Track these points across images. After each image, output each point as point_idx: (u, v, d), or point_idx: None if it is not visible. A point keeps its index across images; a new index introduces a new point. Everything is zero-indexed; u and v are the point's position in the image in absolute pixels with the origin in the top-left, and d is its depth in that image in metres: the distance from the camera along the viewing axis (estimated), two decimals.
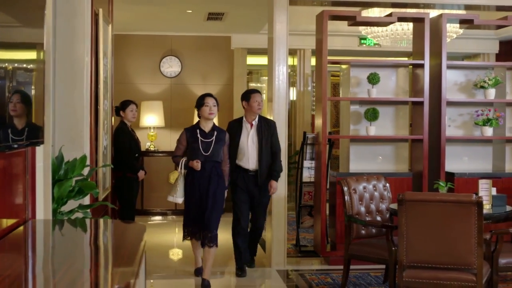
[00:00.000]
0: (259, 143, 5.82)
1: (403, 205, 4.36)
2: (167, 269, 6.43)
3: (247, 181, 5.87)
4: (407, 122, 6.74)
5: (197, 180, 5.45)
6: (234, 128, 5.92)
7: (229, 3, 7.38)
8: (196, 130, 5.52)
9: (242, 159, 5.86)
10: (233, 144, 5.82)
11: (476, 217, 4.23)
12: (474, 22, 6.52)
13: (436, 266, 4.35)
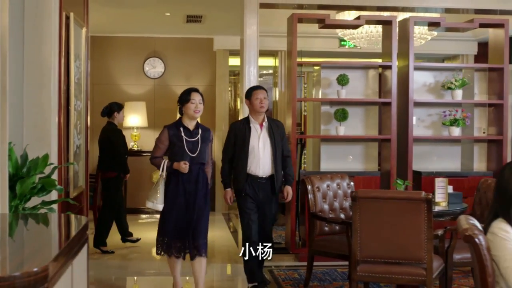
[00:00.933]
0: (272, 146, 5.23)
1: (356, 202, 4.52)
2: (150, 267, 6.58)
3: (257, 189, 5.22)
4: (377, 122, 6.91)
5: (182, 185, 4.84)
6: (240, 130, 5.27)
7: (206, 6, 7.55)
8: (180, 128, 4.90)
9: (251, 165, 5.22)
10: (243, 149, 5.21)
11: (425, 213, 4.39)
12: (441, 25, 6.70)
13: (388, 260, 4.51)
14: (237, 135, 5.26)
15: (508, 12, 7.10)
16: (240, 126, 5.29)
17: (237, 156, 5.23)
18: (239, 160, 5.22)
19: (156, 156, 5.00)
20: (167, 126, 5.00)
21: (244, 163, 5.19)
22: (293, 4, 6.47)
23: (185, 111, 4.95)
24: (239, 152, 5.22)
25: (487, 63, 7.04)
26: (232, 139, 5.29)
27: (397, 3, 6.66)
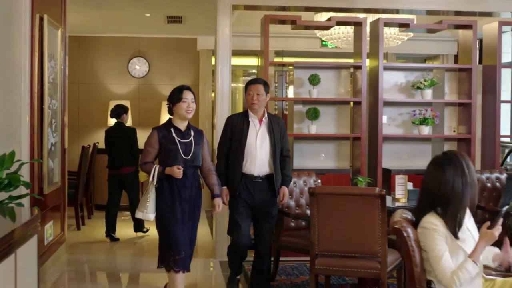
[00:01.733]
0: (271, 144, 4.92)
1: (314, 197, 4.69)
2: (136, 263, 6.76)
3: (252, 190, 4.91)
4: (349, 121, 7.06)
5: (177, 191, 4.52)
6: (237, 124, 4.95)
7: (185, 7, 7.71)
8: (170, 130, 4.55)
9: (247, 163, 4.91)
10: (239, 145, 4.89)
11: (379, 208, 4.56)
12: (410, 26, 6.86)
13: (345, 254, 4.68)
14: (234, 130, 4.92)
15: (486, 13, 7.29)
16: (238, 120, 4.96)
17: (233, 152, 4.92)
18: (234, 156, 4.91)
19: (147, 161, 4.56)
20: (156, 128, 4.61)
21: (240, 161, 4.87)
22: (265, 6, 6.62)
23: (176, 111, 4.57)
24: (235, 148, 4.90)
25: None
26: (229, 133, 4.97)
27: (367, 5, 6.81)
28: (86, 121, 10.05)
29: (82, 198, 8.36)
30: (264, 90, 5.00)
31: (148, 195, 4.50)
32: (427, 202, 3.15)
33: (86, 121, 10.05)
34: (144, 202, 4.51)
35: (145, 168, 4.56)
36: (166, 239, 4.54)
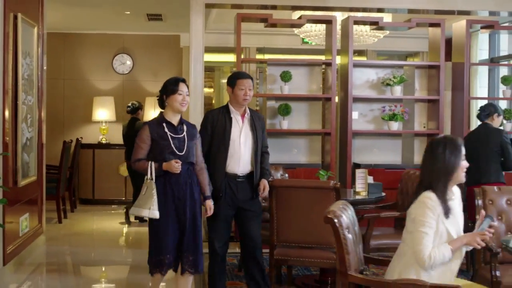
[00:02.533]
0: (254, 141, 4.67)
1: (273, 190, 4.87)
2: (116, 256, 6.93)
3: (235, 190, 4.64)
4: (320, 117, 7.23)
5: (171, 189, 4.23)
6: (218, 121, 4.63)
7: (163, 5, 7.88)
8: (163, 124, 4.25)
9: (230, 162, 4.62)
10: (222, 143, 4.60)
11: (334, 201, 4.70)
12: (379, 24, 7.02)
13: (302, 245, 4.86)
14: (215, 126, 4.61)
15: (466, 12, 7.47)
16: (219, 116, 4.64)
17: (214, 151, 4.60)
18: (216, 155, 4.60)
19: (139, 158, 4.24)
20: (148, 123, 4.31)
21: (223, 160, 4.58)
22: (237, 4, 6.79)
23: (170, 104, 4.26)
24: (217, 147, 4.60)
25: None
26: (209, 130, 4.63)
27: (336, 3, 6.97)
28: (71, 117, 10.24)
29: (64, 192, 8.53)
30: (253, 85, 4.78)
31: (152, 191, 4.14)
32: (425, 180, 3.30)
33: (71, 116, 10.24)
34: (148, 199, 4.14)
35: (138, 165, 4.23)
36: (158, 242, 4.25)
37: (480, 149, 5.84)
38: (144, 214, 4.18)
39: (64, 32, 10.06)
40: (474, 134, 6.09)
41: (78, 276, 6.20)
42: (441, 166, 3.27)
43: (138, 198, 4.21)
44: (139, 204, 4.19)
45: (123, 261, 6.79)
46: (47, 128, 9.56)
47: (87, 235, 7.83)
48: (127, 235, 7.96)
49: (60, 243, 7.37)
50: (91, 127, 10.13)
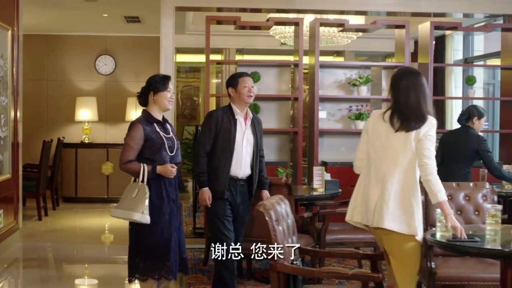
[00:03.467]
0: (255, 144, 4.65)
1: None
2: (97, 252, 7.12)
3: (235, 193, 4.60)
4: (289, 116, 7.44)
5: (165, 190, 4.08)
6: (224, 122, 4.55)
7: (139, 8, 8.09)
8: (153, 124, 4.07)
9: (232, 165, 4.57)
10: (228, 146, 4.52)
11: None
12: (345, 26, 7.22)
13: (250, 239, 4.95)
14: (220, 127, 4.53)
15: (441, 14, 7.69)
16: (223, 117, 4.56)
17: (219, 153, 4.54)
18: (221, 158, 4.53)
19: (130, 160, 4.00)
20: (140, 122, 4.06)
21: (229, 162, 4.52)
22: (207, 7, 7.00)
23: (158, 101, 4.08)
24: (222, 149, 4.53)
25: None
26: (213, 130, 4.55)
27: (304, 6, 7.18)
28: (55, 117, 10.47)
29: (45, 190, 8.74)
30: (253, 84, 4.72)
31: (146, 195, 3.91)
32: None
33: (55, 116, 10.47)
34: (140, 203, 3.91)
35: (129, 167, 3.99)
36: (157, 244, 4.03)
37: (456, 152, 5.74)
38: (135, 218, 3.92)
39: (47, 34, 10.30)
40: (453, 136, 5.92)
41: (55, 270, 6.45)
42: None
43: (127, 201, 3.95)
44: (129, 207, 3.92)
45: (102, 257, 6.98)
46: (30, 128, 9.87)
47: (67, 232, 8.05)
48: (108, 232, 8.18)
49: (38, 239, 7.58)
50: (74, 127, 10.35)
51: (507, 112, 7.51)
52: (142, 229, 4.00)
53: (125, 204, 3.95)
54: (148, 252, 4.03)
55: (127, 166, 4.00)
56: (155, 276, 4.04)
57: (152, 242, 4.03)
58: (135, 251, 4.08)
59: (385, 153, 3.65)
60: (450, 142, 5.82)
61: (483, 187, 4.64)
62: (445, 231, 3.57)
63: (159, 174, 4.01)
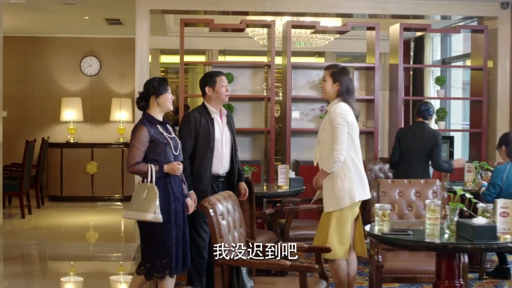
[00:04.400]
0: (232, 140, 4.78)
1: None
2: (85, 249, 7.34)
3: (217, 190, 4.62)
4: (263, 116, 7.62)
5: (171, 189, 4.19)
6: (202, 122, 4.63)
7: (119, 10, 8.28)
8: (157, 125, 4.20)
9: (214, 163, 4.67)
10: (208, 146, 4.62)
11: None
12: (316, 28, 7.40)
13: None
14: (199, 128, 4.61)
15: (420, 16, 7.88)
16: (201, 118, 4.64)
17: (200, 154, 4.63)
18: (203, 159, 4.62)
19: (138, 162, 4.11)
20: (144, 124, 4.16)
21: (209, 162, 4.62)
22: (181, 10, 7.20)
23: (160, 103, 4.20)
24: (204, 149, 4.62)
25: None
26: (193, 132, 4.63)
27: (277, 9, 7.36)
28: (41, 117, 10.67)
29: (28, 189, 8.92)
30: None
31: (156, 195, 4.04)
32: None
33: (41, 116, 10.67)
34: (152, 203, 4.03)
35: (137, 169, 4.11)
36: (169, 243, 4.15)
37: (415, 148, 5.98)
38: (148, 218, 4.03)
39: (34, 36, 10.50)
40: (411, 131, 6.12)
41: (35, 266, 6.61)
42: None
43: (138, 202, 4.06)
44: (141, 208, 4.05)
45: (86, 254, 7.17)
46: (16, 128, 10.09)
47: (50, 229, 8.24)
48: (92, 230, 8.38)
49: (20, 236, 7.77)
50: (60, 127, 10.54)
51: (476, 112, 7.68)
52: (154, 229, 4.11)
53: (137, 205, 4.08)
54: (161, 251, 4.13)
55: (135, 168, 4.11)
56: (171, 273, 4.16)
57: (164, 240, 4.13)
58: (150, 251, 4.17)
59: (358, 139, 4.54)
60: (408, 139, 6.04)
61: (434, 183, 4.82)
62: (382, 225, 3.75)
63: (166, 173, 4.13)
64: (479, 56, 7.62)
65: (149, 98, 4.21)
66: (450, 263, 3.70)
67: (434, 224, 3.82)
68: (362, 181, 4.50)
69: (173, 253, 4.15)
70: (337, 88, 4.54)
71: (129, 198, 4.40)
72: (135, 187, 4.17)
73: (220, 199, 3.82)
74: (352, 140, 4.48)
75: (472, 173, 6.12)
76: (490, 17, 7.62)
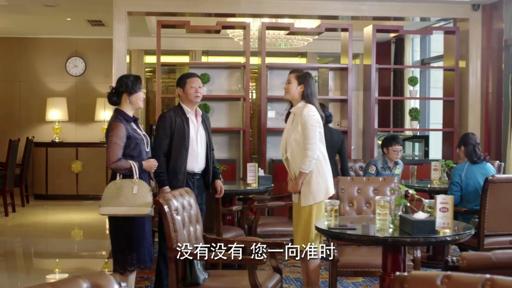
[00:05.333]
0: (207, 139, 4.95)
1: None
2: (69, 246, 7.50)
3: (193, 187, 4.75)
4: (240, 115, 7.78)
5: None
6: (177, 122, 4.81)
7: (98, 12, 8.44)
8: (131, 122, 4.32)
9: (189, 161, 4.83)
10: (183, 144, 4.78)
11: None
12: (290, 29, 7.56)
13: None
14: (174, 127, 4.78)
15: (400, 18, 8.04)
16: (176, 118, 4.81)
17: (176, 152, 4.79)
18: (178, 156, 4.79)
19: (120, 158, 4.19)
20: (120, 121, 4.25)
21: (184, 160, 4.79)
22: (158, 12, 7.35)
23: (133, 101, 4.32)
24: (179, 148, 4.79)
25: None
26: (168, 131, 4.80)
27: (250, 11, 7.51)
28: (27, 117, 10.84)
29: (12, 188, 9.07)
30: (201, 83, 5.04)
31: (149, 190, 4.17)
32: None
33: (27, 116, 10.84)
34: (146, 198, 4.13)
35: (120, 165, 4.17)
36: (142, 236, 4.28)
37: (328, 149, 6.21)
38: (146, 212, 4.13)
39: (20, 36, 10.66)
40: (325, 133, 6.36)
41: (19, 263, 6.78)
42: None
43: (126, 198, 4.12)
44: (134, 203, 4.11)
45: (68, 251, 7.30)
46: (2, 127, 10.24)
47: (34, 227, 8.40)
48: (77, 227, 8.54)
49: (3, 234, 7.95)
50: (45, 126, 10.70)
51: (449, 112, 7.84)
52: (128, 224, 4.21)
53: (125, 200, 4.12)
54: (134, 245, 4.23)
55: (117, 164, 4.17)
56: (140, 266, 4.29)
57: (138, 235, 4.24)
58: (121, 245, 4.25)
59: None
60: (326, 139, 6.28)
61: (392, 181, 4.98)
62: (330, 220, 3.91)
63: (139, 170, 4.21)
64: (451, 57, 7.78)
65: (121, 95, 4.31)
66: (395, 256, 3.85)
67: (384, 220, 3.96)
68: (331, 177, 4.72)
69: (144, 246, 4.27)
70: (302, 90, 4.73)
71: None
72: (111, 183, 4.19)
73: (175, 195, 3.97)
74: (321, 139, 4.70)
75: (438, 172, 6.29)
76: (462, 18, 7.78)
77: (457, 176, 5.46)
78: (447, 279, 1.91)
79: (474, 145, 5.55)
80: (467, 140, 5.61)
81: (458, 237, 3.66)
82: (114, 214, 4.19)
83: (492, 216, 5.09)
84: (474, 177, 5.44)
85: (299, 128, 4.68)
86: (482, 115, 7.66)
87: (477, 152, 5.53)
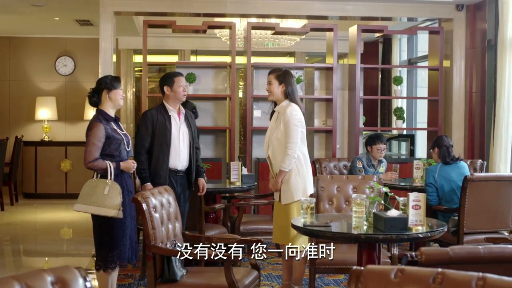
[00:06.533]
0: (190, 137, 5.00)
1: None
2: (58, 245, 7.55)
3: (176, 185, 4.87)
4: (226, 114, 7.85)
5: (126, 184, 4.36)
6: (159, 119, 4.87)
7: (85, 12, 8.49)
8: (111, 122, 4.33)
9: (171, 159, 4.90)
10: (164, 141, 4.85)
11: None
12: (275, 29, 7.62)
13: None
14: (156, 125, 4.86)
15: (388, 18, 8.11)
16: (158, 115, 4.88)
17: (157, 149, 4.87)
18: (160, 153, 4.86)
19: (97, 158, 4.22)
20: (100, 121, 4.28)
21: (166, 157, 4.86)
22: (144, 12, 7.40)
23: (112, 99, 4.33)
24: (160, 145, 4.86)
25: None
26: (150, 129, 4.87)
27: (237, 11, 7.57)
28: (16, 116, 10.88)
29: (0, 186, 9.10)
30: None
31: (119, 192, 4.17)
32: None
33: (16, 115, 10.88)
34: (115, 200, 4.17)
35: (96, 165, 4.21)
36: (123, 235, 4.31)
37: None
38: (112, 214, 4.15)
39: (10, 36, 10.70)
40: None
41: (7, 260, 6.81)
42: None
43: (97, 197, 4.17)
44: (102, 204, 4.15)
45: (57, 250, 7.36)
46: None
47: (23, 225, 8.45)
48: (66, 226, 8.59)
49: None
50: (35, 125, 10.75)
51: (433, 111, 7.91)
52: (109, 222, 4.25)
53: (96, 200, 4.19)
54: (115, 243, 4.28)
55: (94, 164, 4.21)
56: (122, 264, 4.33)
57: (118, 233, 4.28)
58: (103, 243, 4.31)
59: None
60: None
61: (371, 179, 5.04)
62: (306, 217, 3.97)
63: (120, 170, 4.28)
64: (436, 56, 7.86)
65: (101, 93, 4.35)
66: (370, 253, 3.92)
67: (360, 217, 4.03)
68: (311, 177, 4.81)
69: (125, 244, 4.32)
70: (283, 89, 4.82)
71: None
72: (89, 181, 4.28)
73: (154, 193, 4.03)
74: (303, 138, 4.79)
75: (420, 170, 6.36)
76: (447, 18, 7.85)
77: (431, 177, 5.55)
78: (401, 273, 1.97)
79: (448, 147, 5.64)
80: (440, 142, 5.70)
81: (430, 234, 3.73)
82: (84, 212, 4.28)
83: (471, 214, 5.16)
84: (449, 176, 5.52)
85: (281, 127, 4.79)
86: (466, 114, 7.74)
87: (451, 154, 5.63)
